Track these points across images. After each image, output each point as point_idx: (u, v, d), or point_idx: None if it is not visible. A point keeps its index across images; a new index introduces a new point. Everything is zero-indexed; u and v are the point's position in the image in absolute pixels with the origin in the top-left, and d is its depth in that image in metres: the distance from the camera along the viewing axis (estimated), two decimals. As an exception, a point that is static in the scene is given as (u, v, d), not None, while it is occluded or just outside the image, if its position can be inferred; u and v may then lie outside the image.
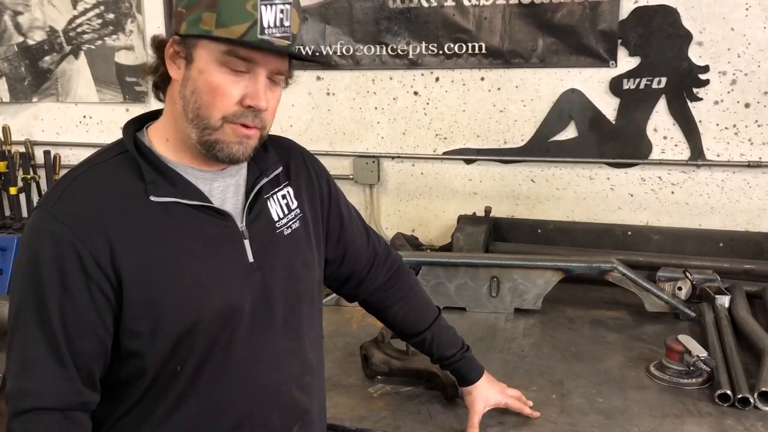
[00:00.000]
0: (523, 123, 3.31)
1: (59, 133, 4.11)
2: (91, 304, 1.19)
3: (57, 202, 1.20)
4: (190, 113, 1.24)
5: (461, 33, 3.28)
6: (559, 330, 2.49)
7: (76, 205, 1.20)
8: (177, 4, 1.23)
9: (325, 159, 3.60)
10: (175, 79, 1.26)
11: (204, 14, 1.17)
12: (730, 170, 3.07)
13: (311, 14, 3.47)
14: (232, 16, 1.16)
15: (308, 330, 1.47)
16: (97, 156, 1.30)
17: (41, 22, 3.96)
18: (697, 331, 2.40)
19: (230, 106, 1.22)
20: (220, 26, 1.17)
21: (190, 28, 1.20)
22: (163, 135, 1.31)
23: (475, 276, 2.67)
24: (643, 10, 3.04)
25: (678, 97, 3.07)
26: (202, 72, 1.21)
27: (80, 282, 1.18)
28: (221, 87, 1.20)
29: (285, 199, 1.44)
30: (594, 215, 3.29)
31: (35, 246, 1.19)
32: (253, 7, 1.17)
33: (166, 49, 1.25)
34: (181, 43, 1.23)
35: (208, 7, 1.17)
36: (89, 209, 1.20)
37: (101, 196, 1.22)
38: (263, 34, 1.18)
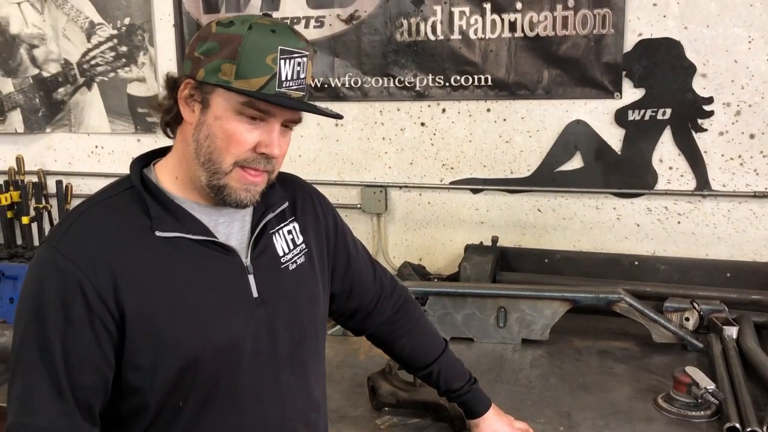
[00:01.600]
0: (529, 153, 3.35)
1: (71, 163, 4.18)
2: (93, 338, 1.19)
3: (62, 237, 1.22)
4: (203, 156, 1.25)
5: (467, 65, 3.33)
6: (566, 361, 2.49)
7: (81, 240, 1.22)
8: (194, 49, 1.25)
9: (333, 188, 3.66)
10: (189, 121, 1.28)
11: (224, 65, 1.19)
12: (736, 200, 3.09)
13: (320, 47, 3.54)
14: (252, 69, 1.19)
15: (313, 365, 1.47)
16: (104, 191, 1.32)
17: (56, 54, 4.05)
18: (705, 362, 2.39)
19: (243, 152, 1.25)
20: (239, 78, 1.19)
21: (208, 76, 1.21)
22: (172, 173, 1.32)
23: (482, 306, 2.68)
24: (647, 43, 3.09)
25: (683, 128, 3.10)
26: (218, 119, 1.23)
27: (83, 316, 1.18)
28: (237, 134, 1.23)
29: (290, 235, 1.45)
30: (601, 245, 3.30)
31: (40, 280, 1.20)
32: (273, 60, 1.19)
33: (180, 90, 1.27)
34: (197, 87, 1.24)
35: (228, 58, 1.19)
36: (93, 244, 1.21)
37: (106, 231, 1.23)
38: (281, 87, 1.21)
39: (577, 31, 3.15)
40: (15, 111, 4.20)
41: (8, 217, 3.90)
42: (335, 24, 3.50)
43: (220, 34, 1.21)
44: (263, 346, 1.35)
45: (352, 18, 3.47)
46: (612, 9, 3.08)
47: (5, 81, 4.18)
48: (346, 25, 3.48)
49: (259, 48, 1.19)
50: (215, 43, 1.21)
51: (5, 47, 4.13)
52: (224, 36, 1.20)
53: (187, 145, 1.28)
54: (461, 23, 3.29)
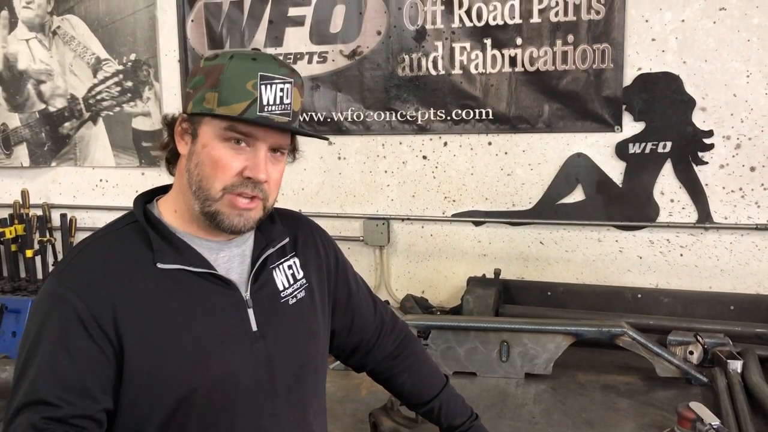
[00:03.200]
0: (531, 186, 3.36)
1: (76, 197, 4.21)
2: (92, 367, 1.20)
3: (65, 269, 1.26)
4: (194, 185, 1.29)
5: (469, 99, 3.36)
6: (570, 396, 2.47)
7: (82, 271, 1.24)
8: (186, 85, 1.33)
9: (336, 221, 3.67)
10: (183, 154, 1.32)
11: (207, 94, 1.24)
12: (738, 233, 3.09)
13: (323, 82, 3.58)
14: (233, 95, 1.23)
15: (312, 400, 1.47)
16: (108, 226, 1.35)
17: (63, 90, 4.10)
18: (709, 397, 2.37)
19: (230, 177, 1.27)
20: (221, 104, 1.23)
21: (195, 106, 1.27)
22: (172, 206, 1.35)
23: (485, 340, 2.67)
24: (647, 77, 3.12)
25: (684, 160, 3.12)
26: (205, 146, 1.27)
27: (82, 345, 1.19)
28: (222, 159, 1.26)
29: (291, 270, 1.45)
30: (603, 277, 3.30)
31: (41, 311, 1.22)
32: (253, 86, 1.23)
33: (176, 126, 1.32)
34: (188, 120, 1.30)
35: (211, 87, 1.24)
36: (93, 275, 1.23)
37: (107, 263, 1.25)
38: (262, 111, 1.24)
39: (576, 66, 3.19)
40: (21, 145, 4.25)
41: (12, 251, 3.91)
42: (338, 59, 3.55)
43: (205, 67, 1.27)
44: (261, 380, 1.35)
45: (354, 54, 3.52)
46: (611, 44, 3.12)
47: (12, 116, 4.24)
48: (348, 60, 3.53)
49: (239, 75, 1.23)
50: (201, 76, 1.27)
51: (13, 83, 4.19)
52: (209, 68, 1.26)
53: (182, 177, 1.32)
54: (462, 58, 3.34)
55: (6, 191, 4.31)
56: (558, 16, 3.18)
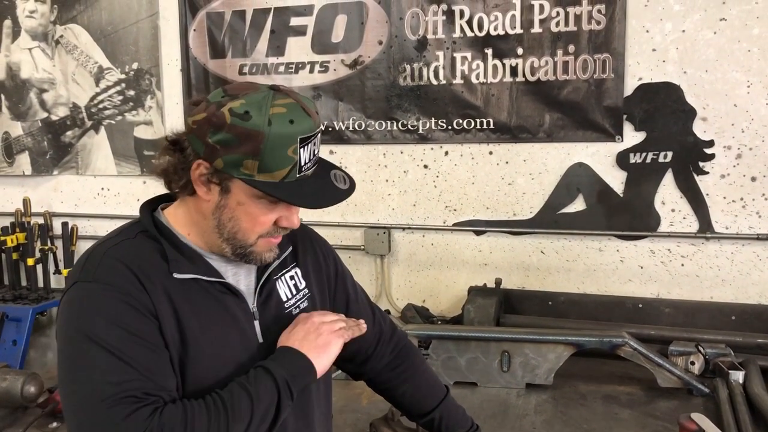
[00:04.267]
0: (532, 195, 3.36)
1: (78, 205, 4.21)
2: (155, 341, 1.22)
3: (96, 271, 1.25)
4: (226, 234, 1.30)
5: (470, 109, 3.37)
6: (571, 406, 2.46)
7: (116, 269, 1.24)
8: (206, 133, 1.23)
9: (337, 230, 3.67)
10: (206, 200, 1.29)
11: (246, 161, 1.21)
12: (740, 243, 3.09)
13: (325, 91, 3.59)
14: (275, 162, 1.21)
15: (316, 409, 1.48)
16: (118, 234, 1.34)
17: (65, 98, 4.12)
18: (711, 407, 2.37)
19: (266, 229, 1.31)
20: (262, 172, 1.21)
21: (229, 168, 1.22)
22: (185, 228, 1.34)
23: (486, 350, 2.67)
24: (647, 87, 3.13)
25: (684, 170, 3.12)
26: (241, 204, 1.27)
27: (141, 323, 1.22)
28: (260, 216, 1.28)
29: (293, 280, 1.47)
30: (604, 287, 3.30)
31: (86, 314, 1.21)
32: (293, 151, 1.22)
33: (192, 169, 1.26)
34: (214, 173, 1.25)
35: (250, 155, 1.20)
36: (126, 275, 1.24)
37: (134, 266, 1.26)
38: (300, 172, 1.24)
39: (577, 76, 3.20)
40: (23, 154, 4.25)
41: (13, 259, 3.91)
42: (339, 69, 3.56)
43: (237, 126, 1.20)
44: None
45: (356, 63, 3.53)
46: (612, 54, 3.13)
47: (15, 124, 4.25)
48: (350, 70, 3.54)
49: (280, 143, 1.20)
50: (232, 137, 1.21)
51: (16, 92, 4.21)
52: (243, 130, 1.20)
53: (204, 218, 1.31)
54: (463, 68, 3.35)
55: (8, 199, 4.32)
56: (559, 27, 3.19)
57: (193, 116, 1.25)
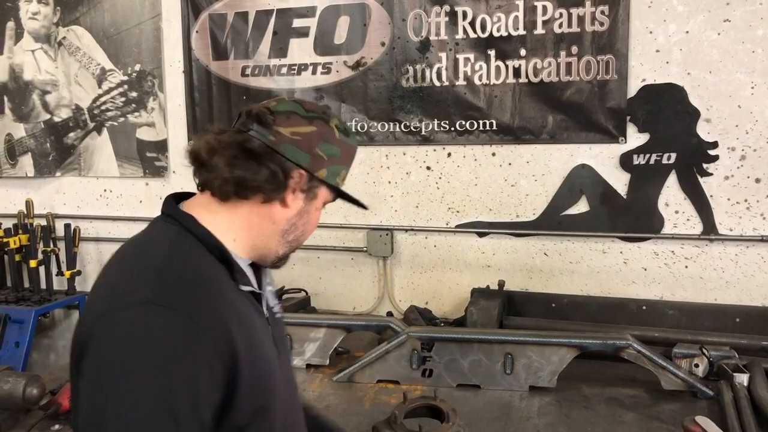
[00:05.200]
0: (535, 197, 3.36)
1: (80, 207, 4.21)
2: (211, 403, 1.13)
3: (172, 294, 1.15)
4: (291, 236, 1.38)
5: (473, 110, 3.37)
6: (574, 409, 2.45)
7: (201, 297, 1.17)
8: (315, 145, 1.32)
9: (340, 231, 3.67)
10: (289, 206, 1.34)
11: (342, 171, 1.39)
12: (744, 245, 3.08)
13: (327, 93, 3.59)
14: (347, 173, 1.42)
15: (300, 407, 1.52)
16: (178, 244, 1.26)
17: (68, 100, 4.12)
18: (715, 410, 2.35)
19: None
20: (342, 180, 1.40)
21: (330, 177, 1.35)
22: (229, 234, 1.31)
23: (489, 352, 2.66)
24: (651, 88, 3.12)
25: (688, 172, 3.11)
26: (317, 209, 1.40)
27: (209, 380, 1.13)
28: (317, 219, 1.43)
29: (269, 286, 1.50)
30: (608, 289, 3.29)
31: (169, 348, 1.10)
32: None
33: (294, 177, 1.31)
34: (309, 180, 1.34)
35: (346, 166, 1.40)
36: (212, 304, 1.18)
37: (212, 290, 1.20)
38: None
39: (581, 77, 3.19)
40: (26, 155, 4.26)
41: (16, 261, 3.92)
42: (342, 70, 3.56)
43: (343, 142, 1.37)
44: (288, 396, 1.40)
45: (358, 65, 3.52)
46: (615, 55, 3.12)
47: (17, 126, 4.25)
48: (352, 71, 3.54)
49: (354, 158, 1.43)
50: (338, 149, 1.36)
51: (18, 93, 4.21)
52: (346, 146, 1.38)
53: (274, 223, 1.34)
54: (466, 69, 3.34)
55: (11, 201, 4.32)
56: (562, 28, 3.19)
57: (292, 128, 1.30)
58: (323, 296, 3.78)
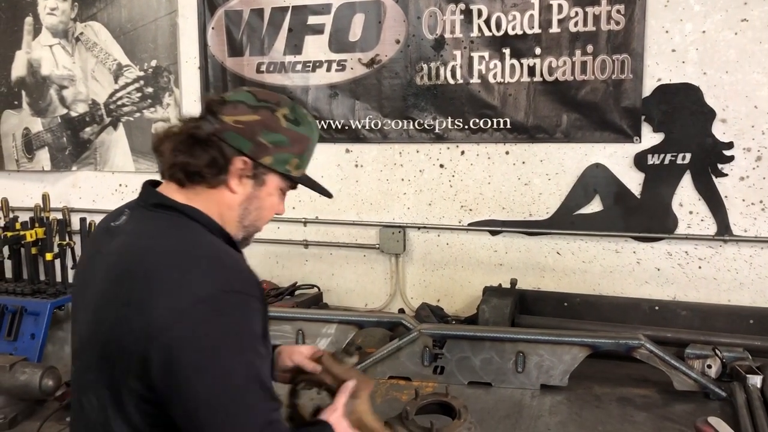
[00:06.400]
0: (548, 196, 3.35)
1: (95, 201, 4.25)
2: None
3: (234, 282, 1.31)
4: (247, 221, 1.46)
5: (486, 109, 3.36)
6: (586, 408, 2.45)
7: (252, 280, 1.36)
8: (257, 134, 1.40)
9: (353, 228, 3.68)
10: (236, 192, 1.43)
11: (292, 159, 1.45)
12: (758, 246, 3.06)
13: (341, 90, 3.60)
14: (306, 161, 1.50)
15: None
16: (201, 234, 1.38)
17: (84, 95, 4.16)
18: (728, 411, 2.34)
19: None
20: (297, 168, 1.47)
21: (276, 164, 1.44)
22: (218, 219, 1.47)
23: (500, 350, 2.66)
24: (666, 88, 3.11)
25: (703, 172, 3.10)
26: (270, 195, 1.47)
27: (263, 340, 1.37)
28: (276, 206, 1.51)
29: None
30: (620, 289, 3.28)
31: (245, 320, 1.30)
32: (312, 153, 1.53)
33: (234, 164, 1.40)
34: (255, 168, 1.42)
35: (297, 154, 1.46)
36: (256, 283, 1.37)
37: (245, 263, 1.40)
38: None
39: (596, 76, 3.18)
40: (43, 149, 4.30)
41: (32, 254, 3.95)
42: (356, 68, 3.56)
43: (290, 130, 1.44)
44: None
45: (373, 62, 3.53)
46: (631, 54, 3.11)
47: (35, 120, 4.30)
48: (367, 69, 3.55)
49: (313, 147, 1.51)
50: (285, 138, 1.43)
51: (36, 88, 4.25)
52: (294, 134, 1.44)
53: (230, 208, 1.44)
54: (480, 67, 3.34)
55: (27, 195, 4.36)
56: (577, 26, 3.18)
57: (236, 116, 1.40)
58: (335, 292, 3.80)
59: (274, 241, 3.80)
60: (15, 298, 3.55)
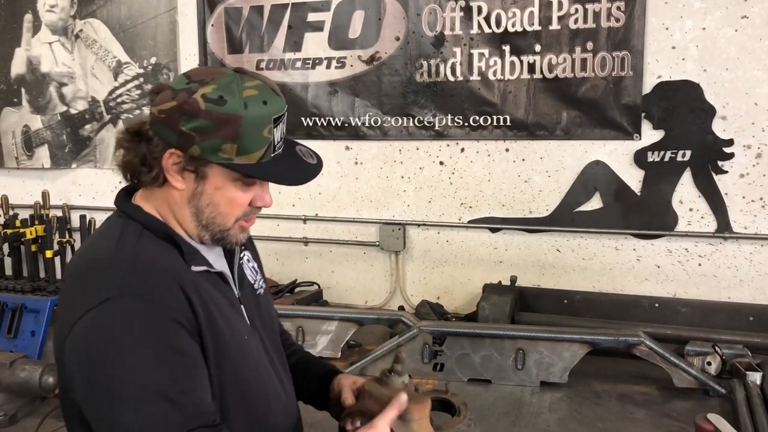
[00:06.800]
0: (548, 193, 3.35)
1: (95, 198, 4.25)
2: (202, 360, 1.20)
3: (130, 284, 1.17)
4: (204, 220, 1.29)
5: (486, 106, 3.36)
6: (585, 405, 2.45)
7: (156, 280, 1.19)
8: (177, 122, 1.20)
9: (352, 225, 3.68)
10: (180, 189, 1.27)
11: (224, 145, 1.20)
12: (759, 243, 3.06)
13: (341, 87, 3.60)
14: (253, 144, 1.22)
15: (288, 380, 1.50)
16: (122, 236, 1.26)
17: (84, 92, 4.15)
18: (728, 408, 2.35)
19: (242, 211, 1.30)
20: (240, 154, 1.22)
21: (207, 154, 1.21)
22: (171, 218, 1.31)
23: (500, 347, 2.66)
24: (666, 85, 3.10)
25: (703, 169, 3.09)
26: (219, 188, 1.26)
27: (191, 344, 1.19)
28: (238, 200, 1.28)
29: (250, 262, 1.49)
30: (620, 286, 3.28)
31: (129, 333, 1.13)
32: (268, 131, 1.23)
33: (165, 159, 1.23)
34: (189, 160, 1.23)
35: (229, 139, 1.20)
36: (170, 281, 1.20)
37: (171, 271, 1.22)
38: (275, 151, 1.26)
39: (596, 73, 3.18)
40: (42, 147, 4.30)
41: (32, 251, 3.95)
42: (356, 65, 3.56)
43: (213, 112, 1.19)
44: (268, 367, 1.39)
45: (372, 59, 3.53)
46: (631, 52, 3.11)
47: (34, 118, 4.29)
48: (366, 66, 3.54)
49: (257, 124, 1.21)
50: (209, 122, 1.19)
51: (36, 85, 4.25)
52: (219, 115, 1.19)
53: (180, 207, 1.29)
54: (480, 65, 3.34)
55: (27, 192, 4.36)
56: (577, 23, 3.17)
57: (159, 105, 1.22)
58: (335, 290, 3.80)
59: (274, 239, 3.80)
60: (15, 295, 3.55)
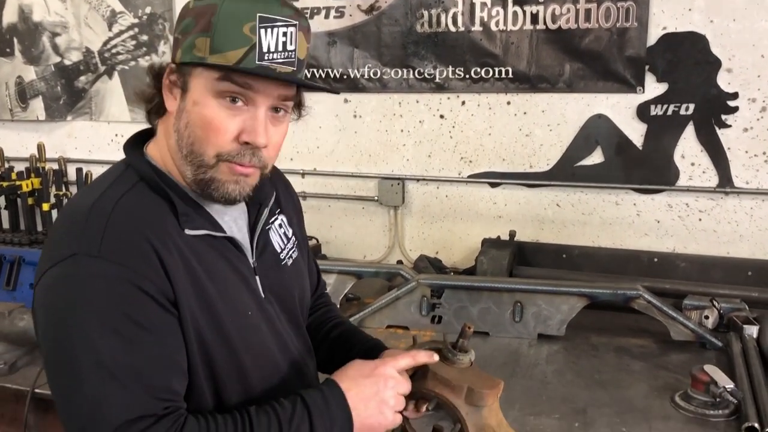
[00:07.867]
0: (549, 147, 3.31)
1: (91, 151, 4.21)
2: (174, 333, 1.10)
3: (102, 242, 1.06)
4: (184, 149, 1.14)
5: (488, 57, 3.30)
6: (582, 357, 2.47)
7: (128, 239, 1.08)
8: (175, 30, 1.15)
9: (351, 180, 3.65)
10: (170, 110, 1.16)
11: (198, 40, 1.08)
12: (760, 198, 3.04)
13: (340, 38, 3.53)
14: (228, 40, 1.06)
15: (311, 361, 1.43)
16: (113, 184, 1.16)
17: (78, 43, 4.07)
18: (724, 361, 2.36)
19: (226, 142, 1.12)
20: (214, 52, 1.07)
21: (184, 55, 1.10)
22: (172, 166, 1.20)
23: (498, 300, 2.66)
24: (671, 37, 3.04)
25: (706, 123, 3.05)
26: (196, 103, 1.11)
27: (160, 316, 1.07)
28: (215, 120, 1.10)
29: (282, 228, 1.39)
30: (620, 241, 3.27)
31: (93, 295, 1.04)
32: (251, 30, 1.06)
33: (164, 77, 1.15)
34: (177, 71, 1.13)
35: (202, 31, 1.07)
36: (143, 243, 1.08)
37: (148, 231, 1.09)
38: (262, 59, 1.07)
39: (600, 24, 3.11)
40: (37, 99, 4.24)
41: (29, 204, 3.93)
42: (355, 14, 3.48)
43: (196, 7, 1.10)
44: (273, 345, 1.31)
45: (372, 8, 3.45)
46: (636, 2, 3.04)
47: (28, 68, 4.22)
48: (366, 15, 3.47)
49: (235, 17, 1.06)
50: (191, 19, 1.10)
51: (28, 35, 4.16)
52: (199, 9, 1.09)
53: (169, 137, 1.17)
54: (482, 15, 3.26)
55: (23, 145, 4.32)
56: (582, -28, 3.09)
57: (177, 28, 1.15)
58: (334, 245, 3.79)
59: (272, 193, 3.78)
60: (13, 248, 3.54)
